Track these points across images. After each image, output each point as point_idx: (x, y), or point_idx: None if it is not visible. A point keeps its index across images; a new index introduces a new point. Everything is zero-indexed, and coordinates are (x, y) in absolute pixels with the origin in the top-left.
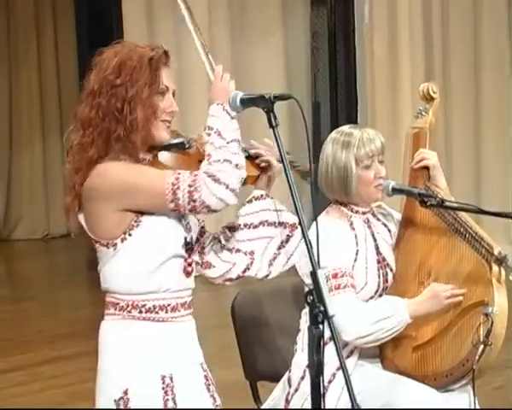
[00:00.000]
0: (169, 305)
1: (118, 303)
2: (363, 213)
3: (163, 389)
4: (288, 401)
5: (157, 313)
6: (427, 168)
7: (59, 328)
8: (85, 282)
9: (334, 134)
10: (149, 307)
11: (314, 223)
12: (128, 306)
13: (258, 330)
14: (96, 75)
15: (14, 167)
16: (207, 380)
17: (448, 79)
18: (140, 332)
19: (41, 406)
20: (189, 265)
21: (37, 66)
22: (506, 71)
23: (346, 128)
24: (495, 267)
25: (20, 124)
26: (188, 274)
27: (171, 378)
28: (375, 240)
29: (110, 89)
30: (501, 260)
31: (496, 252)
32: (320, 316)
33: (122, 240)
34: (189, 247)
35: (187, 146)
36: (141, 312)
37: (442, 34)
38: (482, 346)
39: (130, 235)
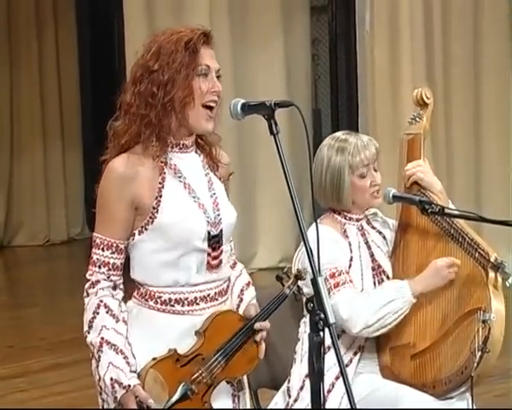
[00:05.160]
0: (186, 299)
1: (139, 289)
2: (357, 220)
3: None
4: None
5: (173, 305)
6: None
7: (60, 335)
8: None
9: (328, 140)
10: (165, 300)
11: (312, 227)
12: (146, 294)
13: None
14: (137, 63)
15: (15, 174)
16: None
17: (449, 86)
18: (155, 323)
19: None
20: (215, 258)
21: (38, 70)
22: (507, 76)
23: (340, 134)
24: (491, 273)
25: (20, 129)
26: (212, 268)
27: None
28: (369, 247)
29: (148, 75)
30: (497, 266)
31: (492, 258)
32: (320, 323)
33: (139, 232)
34: (214, 241)
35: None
36: (156, 303)
37: (443, 41)
38: (480, 353)
39: (146, 229)
